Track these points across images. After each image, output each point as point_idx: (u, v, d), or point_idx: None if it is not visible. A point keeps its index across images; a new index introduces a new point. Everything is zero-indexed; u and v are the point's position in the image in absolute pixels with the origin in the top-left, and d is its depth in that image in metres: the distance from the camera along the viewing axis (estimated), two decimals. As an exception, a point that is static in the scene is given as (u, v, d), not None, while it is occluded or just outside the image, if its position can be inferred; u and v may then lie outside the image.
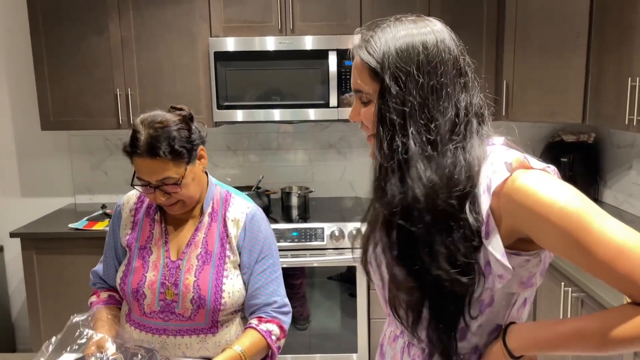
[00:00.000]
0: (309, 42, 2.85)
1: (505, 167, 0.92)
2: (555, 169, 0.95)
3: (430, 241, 0.92)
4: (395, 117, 0.93)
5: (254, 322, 1.46)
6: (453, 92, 0.95)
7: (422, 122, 0.93)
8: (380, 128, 0.96)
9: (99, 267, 1.65)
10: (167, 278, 1.45)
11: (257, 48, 2.86)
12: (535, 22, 2.74)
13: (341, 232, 2.77)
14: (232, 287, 1.45)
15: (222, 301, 1.43)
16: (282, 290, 1.51)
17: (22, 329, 3.47)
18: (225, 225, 1.49)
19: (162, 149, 1.35)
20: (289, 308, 1.51)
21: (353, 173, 3.40)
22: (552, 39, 2.68)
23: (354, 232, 2.77)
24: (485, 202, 0.92)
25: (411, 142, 0.92)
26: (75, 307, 2.87)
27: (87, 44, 2.92)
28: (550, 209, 0.85)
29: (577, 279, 2.04)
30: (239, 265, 1.49)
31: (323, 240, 2.77)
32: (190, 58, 2.94)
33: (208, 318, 1.44)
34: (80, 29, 2.91)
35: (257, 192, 2.99)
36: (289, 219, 2.97)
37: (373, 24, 1.01)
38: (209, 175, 1.56)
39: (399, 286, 0.98)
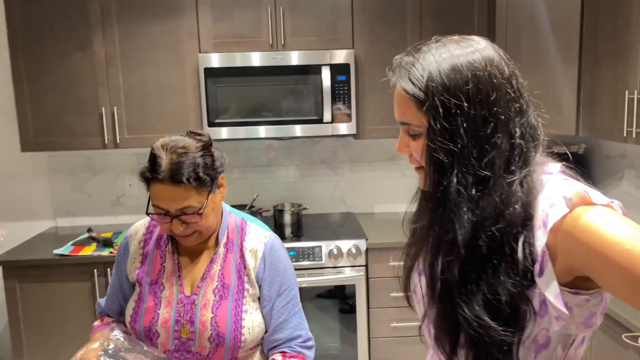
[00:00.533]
0: (301, 58, 2.80)
1: (564, 202, 0.83)
2: (620, 203, 0.86)
3: (468, 285, 0.86)
4: (443, 157, 0.86)
5: (278, 357, 1.39)
6: (508, 120, 0.87)
7: (472, 160, 0.86)
8: (430, 165, 0.89)
9: (103, 301, 1.56)
10: (181, 315, 1.37)
11: (249, 64, 2.80)
12: (525, 32, 2.75)
13: (339, 250, 2.72)
14: (252, 322, 1.38)
15: (242, 338, 1.36)
16: (305, 323, 1.45)
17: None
18: (242, 256, 1.42)
19: (186, 175, 1.27)
20: (312, 342, 1.44)
21: (345, 188, 3.36)
22: (543, 50, 2.70)
23: (354, 250, 2.72)
24: (540, 237, 0.84)
25: (454, 182, 0.86)
26: (63, 338, 2.74)
27: (69, 61, 2.81)
28: (615, 250, 0.77)
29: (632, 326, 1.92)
30: (258, 299, 1.42)
31: (322, 259, 2.71)
32: (178, 75, 2.85)
33: (227, 356, 1.36)
34: (62, 45, 2.80)
35: (251, 211, 2.92)
36: (282, 238, 2.89)
37: (413, 49, 0.94)
38: (223, 204, 1.48)
39: (440, 326, 0.91)
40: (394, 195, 3.34)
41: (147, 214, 1.35)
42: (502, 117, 0.87)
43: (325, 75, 2.79)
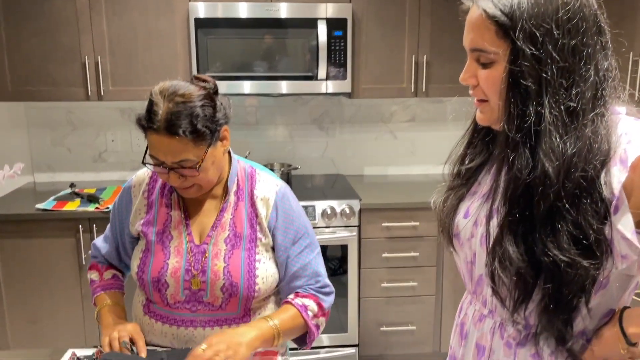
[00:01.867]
0: (296, 10, 2.69)
1: None
2: None
3: (555, 219, 0.84)
4: (530, 84, 0.83)
5: (290, 296, 1.36)
6: (594, 52, 0.85)
7: (562, 89, 0.83)
8: (511, 95, 0.85)
9: (100, 243, 1.49)
10: (192, 264, 1.31)
11: (242, 15, 2.68)
12: None
13: (333, 210, 2.68)
14: (266, 271, 1.33)
15: (256, 287, 1.31)
16: (323, 270, 1.40)
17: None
18: (253, 205, 1.35)
19: (183, 127, 1.18)
20: (330, 289, 1.40)
21: (335, 149, 3.30)
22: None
23: (347, 210, 2.68)
24: (618, 174, 0.83)
25: (547, 112, 0.83)
26: (45, 296, 2.65)
27: (50, 5, 2.63)
28: None
29: None
30: (272, 248, 1.36)
31: (315, 219, 2.67)
32: (167, 24, 2.71)
33: (241, 306, 1.32)
34: (42, -12, 2.62)
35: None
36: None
37: None
38: (231, 151, 1.41)
39: (506, 264, 0.88)
40: (384, 158, 3.30)
41: (144, 163, 1.27)
42: (590, 49, 0.84)
43: (322, 30, 2.69)
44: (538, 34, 0.82)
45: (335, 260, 2.76)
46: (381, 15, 2.80)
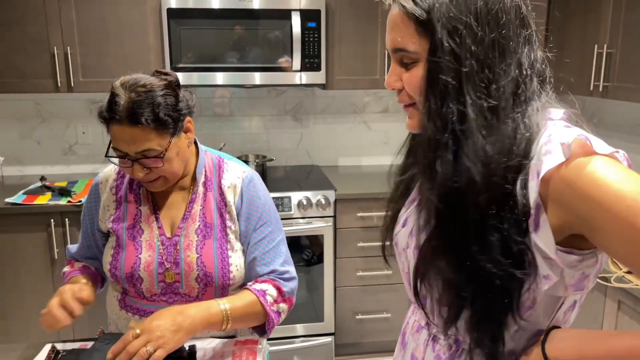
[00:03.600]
0: (270, 1, 2.69)
1: (561, 149, 0.76)
2: (625, 154, 0.79)
3: (482, 228, 0.78)
4: (450, 80, 0.78)
5: (249, 283, 1.33)
6: (516, 46, 0.80)
7: (482, 84, 0.78)
8: (431, 94, 0.80)
9: (73, 247, 1.48)
10: (164, 257, 1.31)
11: (215, 5, 2.66)
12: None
13: (309, 200, 2.69)
14: (239, 259, 1.34)
15: (231, 275, 1.32)
16: (281, 259, 1.36)
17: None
18: (222, 194, 1.36)
19: (145, 115, 1.18)
20: (291, 275, 1.37)
21: (309, 141, 3.32)
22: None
23: (323, 200, 2.70)
24: (533, 187, 0.77)
25: (469, 109, 0.78)
26: (17, 292, 2.60)
27: (16, -6, 2.57)
28: (616, 205, 0.71)
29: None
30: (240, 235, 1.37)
31: (291, 210, 2.68)
32: (139, 14, 2.67)
33: (217, 296, 1.33)
34: (8, -23, 2.55)
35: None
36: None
37: None
38: (198, 142, 1.41)
39: (432, 280, 0.86)
40: (358, 149, 3.33)
41: (107, 157, 1.26)
42: (512, 43, 0.80)
43: (295, 21, 2.70)
44: (457, 27, 0.78)
45: (311, 250, 2.78)
46: (354, 6, 2.81)
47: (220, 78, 2.74)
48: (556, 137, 0.78)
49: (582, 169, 0.74)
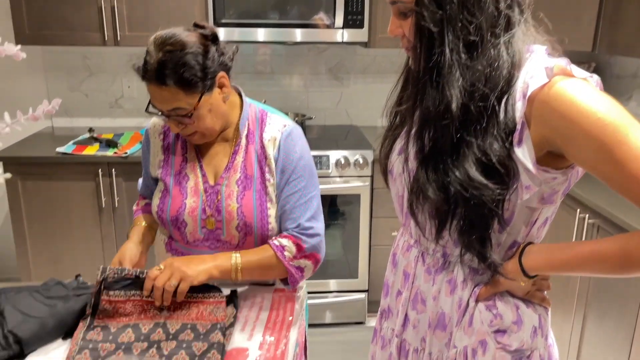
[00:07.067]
0: (314, -44, 2.64)
1: (545, 72, 0.87)
2: (599, 79, 0.91)
3: (461, 147, 0.91)
4: (432, 27, 0.90)
5: (272, 238, 1.37)
6: None
7: (459, 25, 0.89)
8: (418, 38, 0.93)
9: (140, 182, 1.57)
10: (207, 204, 1.37)
11: (259, -40, 2.64)
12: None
13: (347, 160, 2.71)
14: (277, 211, 1.38)
15: (270, 227, 1.36)
16: (309, 214, 1.37)
17: (0, 257, 3.31)
18: (263, 147, 1.38)
19: (169, 77, 1.21)
20: (314, 231, 1.37)
21: (349, 100, 3.31)
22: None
23: (361, 160, 2.72)
24: (519, 108, 0.89)
25: (447, 49, 0.89)
26: (67, 236, 2.75)
27: (65, -53, 2.61)
28: (587, 119, 0.82)
29: (594, 204, 2.08)
30: None
31: (329, 169, 2.71)
32: (183, -32, 2.68)
33: (257, 245, 1.38)
34: None
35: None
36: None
37: None
38: (243, 94, 1.44)
39: (421, 197, 0.97)
40: (398, 109, 3.29)
41: (147, 111, 1.32)
42: None
43: (339, -24, 2.65)
44: None
45: (348, 209, 2.82)
46: (400, -38, 2.74)
47: (261, 34, 2.74)
48: (540, 63, 0.89)
49: (561, 88, 0.85)
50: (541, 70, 0.88)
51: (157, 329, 1.17)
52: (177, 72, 1.21)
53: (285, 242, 1.34)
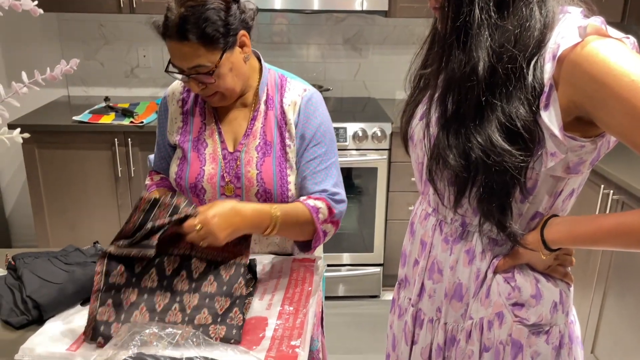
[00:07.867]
0: None
1: (577, 31, 0.82)
2: (636, 41, 0.85)
3: (485, 111, 0.88)
4: None
5: (302, 197, 1.33)
6: None
7: None
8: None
9: (152, 156, 1.54)
10: (226, 171, 1.34)
11: None
12: None
13: (364, 132, 2.67)
14: (297, 177, 1.36)
15: (289, 194, 1.34)
16: (333, 180, 1.35)
17: (17, 225, 3.34)
18: (283, 112, 1.35)
19: (191, 31, 1.19)
20: (341, 197, 1.36)
21: (367, 72, 3.24)
22: None
23: (379, 133, 2.67)
24: (548, 70, 0.84)
25: (477, 8, 0.86)
26: (83, 203, 2.76)
27: None
28: (619, 81, 0.77)
29: (618, 180, 2.03)
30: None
31: (346, 141, 2.67)
32: None
33: (277, 212, 1.36)
34: None
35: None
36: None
37: None
38: (262, 59, 1.40)
39: (441, 163, 0.93)
40: (417, 82, 3.23)
41: (167, 71, 1.29)
42: None
43: (360, -58, 2.57)
44: None
45: (364, 182, 2.79)
46: None
47: (278, 2, 2.68)
48: (573, 23, 0.85)
49: (594, 48, 0.80)
50: (574, 29, 0.83)
51: (180, 272, 1.14)
52: (199, 27, 1.19)
53: (319, 204, 1.30)
